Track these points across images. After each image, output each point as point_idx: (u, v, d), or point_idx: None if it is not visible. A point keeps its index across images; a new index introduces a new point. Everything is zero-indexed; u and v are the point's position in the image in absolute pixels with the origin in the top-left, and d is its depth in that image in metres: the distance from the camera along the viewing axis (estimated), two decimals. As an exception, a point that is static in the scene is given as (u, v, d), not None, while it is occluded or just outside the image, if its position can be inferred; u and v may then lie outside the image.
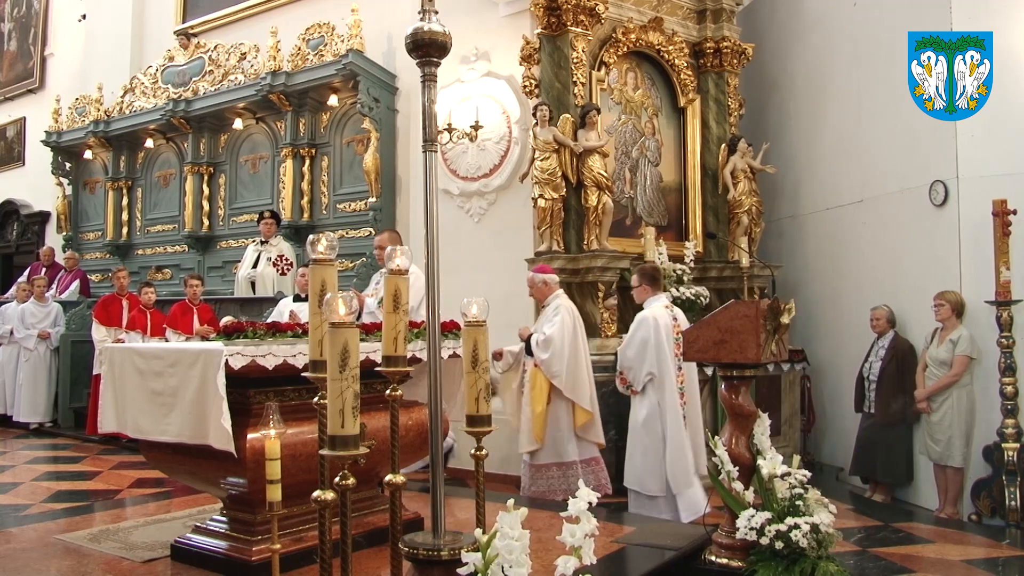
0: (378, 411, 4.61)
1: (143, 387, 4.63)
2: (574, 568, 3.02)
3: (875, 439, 7.25)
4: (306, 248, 3.26)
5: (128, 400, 4.71)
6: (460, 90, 8.57)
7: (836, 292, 8.52)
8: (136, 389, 4.67)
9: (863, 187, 8.07)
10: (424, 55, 3.41)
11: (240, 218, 11.22)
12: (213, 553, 4.60)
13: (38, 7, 15.77)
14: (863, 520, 6.33)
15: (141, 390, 4.64)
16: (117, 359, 4.84)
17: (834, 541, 4.26)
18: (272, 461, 3.32)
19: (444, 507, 3.33)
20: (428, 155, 3.41)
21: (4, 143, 16.16)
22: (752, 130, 9.19)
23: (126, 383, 4.73)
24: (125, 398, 4.73)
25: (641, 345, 6.17)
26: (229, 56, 11.21)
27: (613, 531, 5.35)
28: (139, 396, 4.65)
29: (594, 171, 7.49)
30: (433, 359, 3.32)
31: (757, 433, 4.68)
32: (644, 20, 8.34)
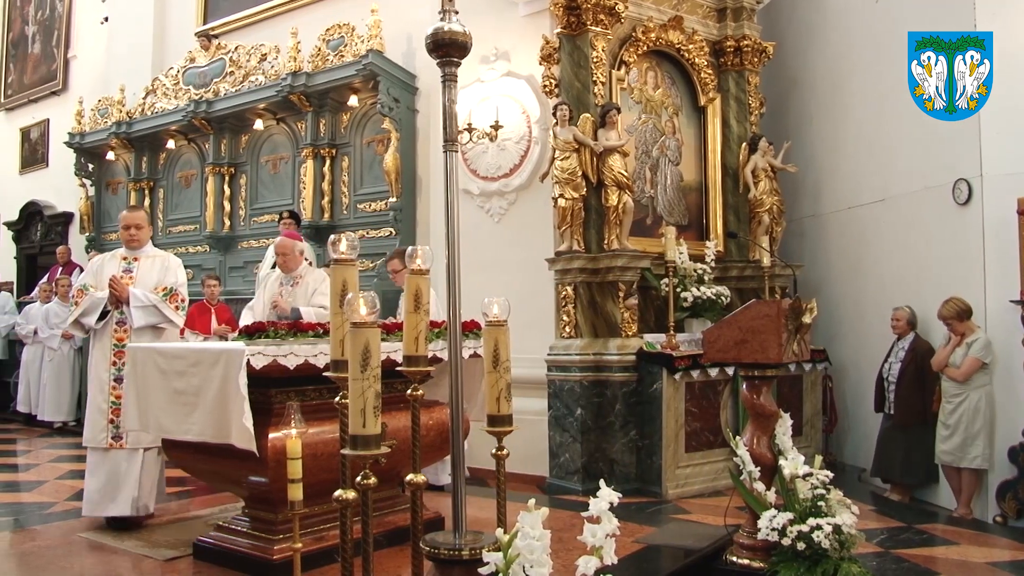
0: (398, 411, 4.63)
1: (165, 387, 4.67)
2: (595, 568, 3.01)
3: (894, 440, 7.20)
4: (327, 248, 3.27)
5: (151, 399, 4.75)
6: (480, 90, 8.57)
7: (858, 292, 8.46)
8: (159, 389, 4.70)
9: (885, 186, 8.01)
10: (444, 55, 3.41)
11: (261, 218, 11.27)
12: (235, 552, 4.63)
13: (61, 10, 15.90)
14: (885, 521, 6.28)
15: (163, 390, 4.68)
16: (140, 359, 4.87)
17: (856, 542, 4.24)
18: (293, 460, 3.33)
19: (465, 507, 3.33)
20: (449, 155, 3.41)
21: (28, 145, 16.31)
22: (773, 129, 9.13)
23: (148, 382, 4.77)
24: (148, 397, 4.77)
25: None
26: (250, 57, 11.26)
27: (634, 531, 5.34)
28: (162, 396, 4.68)
29: (614, 170, 7.47)
30: (454, 359, 3.32)
31: (779, 433, 4.66)
32: (664, 19, 8.31)
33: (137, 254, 5.98)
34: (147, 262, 5.97)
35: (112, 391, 5.65)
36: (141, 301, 5.74)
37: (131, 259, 5.95)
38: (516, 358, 3.75)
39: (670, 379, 7.08)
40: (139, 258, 5.96)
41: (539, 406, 7.48)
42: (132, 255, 5.97)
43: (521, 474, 7.33)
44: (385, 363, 3.21)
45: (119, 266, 5.90)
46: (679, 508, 6.67)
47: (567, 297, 7.52)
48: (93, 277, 5.88)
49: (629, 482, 7.04)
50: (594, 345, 7.36)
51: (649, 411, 7.17)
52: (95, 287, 5.80)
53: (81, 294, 5.78)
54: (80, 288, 5.83)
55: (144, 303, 5.74)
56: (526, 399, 7.02)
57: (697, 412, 7.29)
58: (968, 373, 6.61)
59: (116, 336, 5.76)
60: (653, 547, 5.13)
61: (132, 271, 5.89)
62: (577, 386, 7.27)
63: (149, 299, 5.77)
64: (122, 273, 5.83)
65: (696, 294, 7.75)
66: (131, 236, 5.99)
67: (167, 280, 5.93)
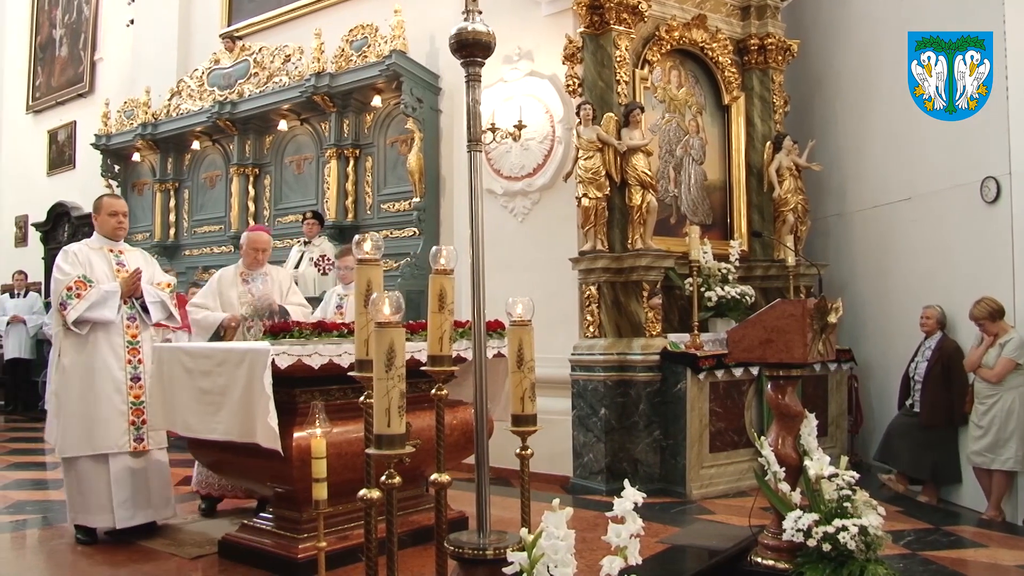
0: (422, 410, 4.63)
1: (191, 386, 4.69)
2: (620, 568, 3.01)
3: (920, 440, 7.14)
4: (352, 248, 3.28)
5: (177, 399, 4.78)
6: (503, 90, 8.57)
7: (884, 291, 8.40)
8: (184, 388, 4.73)
9: (912, 184, 7.94)
10: (468, 55, 3.41)
11: (285, 219, 11.32)
12: (260, 550, 4.66)
13: (88, 13, 16.04)
14: (912, 523, 6.22)
15: (189, 389, 4.70)
16: (166, 358, 4.91)
17: (883, 544, 4.20)
18: (318, 460, 3.35)
19: (489, 506, 3.33)
20: (473, 155, 3.41)
21: (56, 147, 16.46)
22: (797, 127, 9.08)
23: (175, 382, 4.80)
24: (174, 397, 4.80)
25: None
26: (274, 58, 11.31)
27: (658, 531, 5.33)
28: (187, 395, 4.71)
29: (638, 170, 7.45)
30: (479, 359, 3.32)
31: (804, 433, 4.63)
32: (687, 17, 8.28)
33: (121, 246, 5.74)
34: (130, 255, 5.75)
35: (130, 391, 5.42)
36: (153, 296, 5.59)
37: (117, 251, 5.69)
38: (540, 358, 3.75)
39: (694, 379, 7.05)
40: (124, 251, 5.73)
41: (563, 406, 7.47)
42: (117, 247, 5.72)
43: (545, 474, 7.32)
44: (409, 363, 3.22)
45: (109, 259, 5.61)
46: (703, 508, 6.64)
47: (591, 297, 7.51)
48: (85, 269, 5.45)
49: (653, 482, 7.03)
50: (618, 345, 7.34)
51: (673, 411, 7.14)
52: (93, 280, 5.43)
53: (84, 285, 5.33)
54: (81, 279, 5.36)
55: (155, 299, 5.61)
56: (550, 399, 7.02)
57: (721, 412, 7.26)
58: (1002, 374, 6.55)
59: (129, 333, 5.51)
60: (677, 547, 5.11)
61: (124, 264, 5.63)
62: (601, 386, 7.25)
63: (158, 295, 5.63)
64: (116, 267, 5.58)
65: (720, 294, 7.72)
66: (120, 224, 5.72)
67: (157, 275, 5.81)
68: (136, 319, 5.57)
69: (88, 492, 5.28)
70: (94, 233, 5.78)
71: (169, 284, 5.85)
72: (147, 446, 5.44)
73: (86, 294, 5.32)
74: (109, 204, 5.74)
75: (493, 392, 5.00)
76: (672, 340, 7.38)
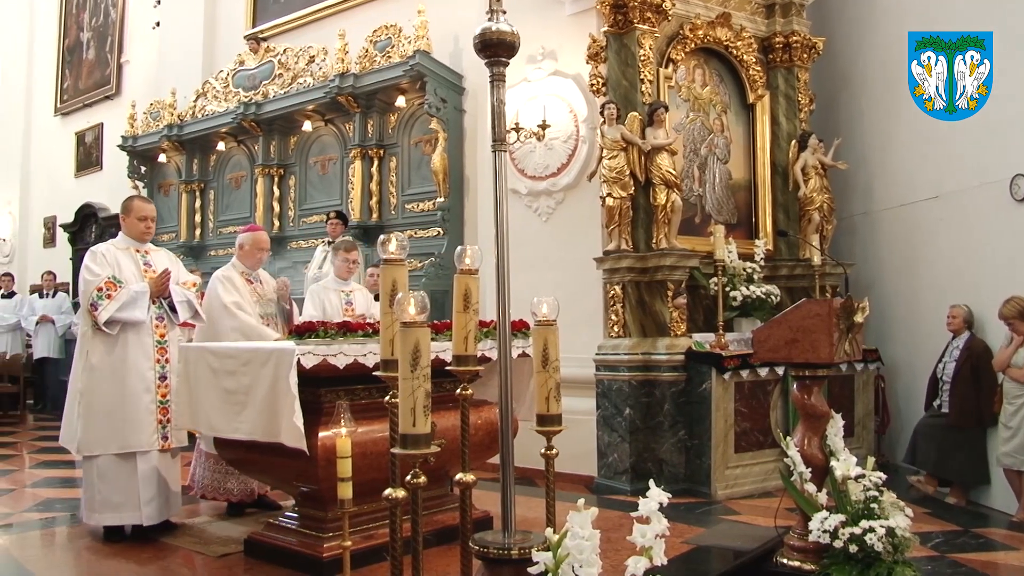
0: (447, 410, 4.63)
1: (217, 385, 4.72)
2: (645, 568, 3.00)
3: (948, 441, 7.07)
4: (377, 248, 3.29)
5: (202, 398, 4.81)
6: (527, 89, 8.56)
7: (912, 290, 8.33)
8: (210, 387, 4.76)
9: (940, 182, 7.86)
10: (492, 55, 3.41)
11: (310, 219, 11.37)
12: (285, 549, 4.69)
13: (115, 16, 16.18)
14: (941, 524, 6.17)
15: (215, 388, 4.73)
16: (192, 358, 4.94)
17: (911, 545, 4.17)
18: (343, 459, 3.36)
19: (514, 506, 3.33)
20: (497, 155, 3.41)
21: (83, 148, 16.62)
22: (823, 125, 9.02)
23: (200, 381, 4.83)
24: (199, 396, 4.83)
25: None
26: (298, 59, 11.36)
27: (683, 532, 5.31)
28: (213, 394, 4.73)
29: (662, 169, 7.43)
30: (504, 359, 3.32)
31: (830, 434, 4.61)
32: (711, 16, 8.24)
33: (147, 246, 5.79)
34: (156, 255, 5.80)
35: (158, 390, 5.46)
36: (180, 296, 5.62)
37: (143, 252, 5.73)
38: (564, 357, 3.74)
39: (719, 379, 7.02)
40: (149, 251, 5.77)
41: (587, 406, 7.47)
42: (143, 248, 5.76)
43: (569, 474, 7.31)
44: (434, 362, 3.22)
45: (136, 259, 5.65)
46: (728, 509, 6.61)
47: (615, 296, 7.50)
48: (113, 270, 5.48)
49: (678, 482, 7.00)
50: (643, 345, 7.32)
51: (698, 411, 7.12)
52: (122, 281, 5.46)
53: (114, 286, 5.36)
54: (111, 280, 5.38)
55: (181, 298, 5.63)
56: (574, 399, 7.01)
57: (747, 412, 7.23)
58: None
59: (158, 332, 5.55)
60: (702, 548, 5.09)
61: (151, 264, 5.68)
62: (625, 386, 7.24)
63: (184, 294, 5.66)
64: (143, 266, 5.62)
65: (745, 293, 7.68)
66: (148, 229, 5.76)
67: (181, 274, 5.85)
68: (164, 319, 5.62)
69: (114, 489, 5.31)
70: (120, 233, 5.82)
71: (194, 283, 5.88)
72: (171, 444, 5.49)
73: (116, 295, 5.35)
74: (139, 208, 5.75)
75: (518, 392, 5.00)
76: (697, 340, 7.35)
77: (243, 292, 6.04)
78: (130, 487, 5.31)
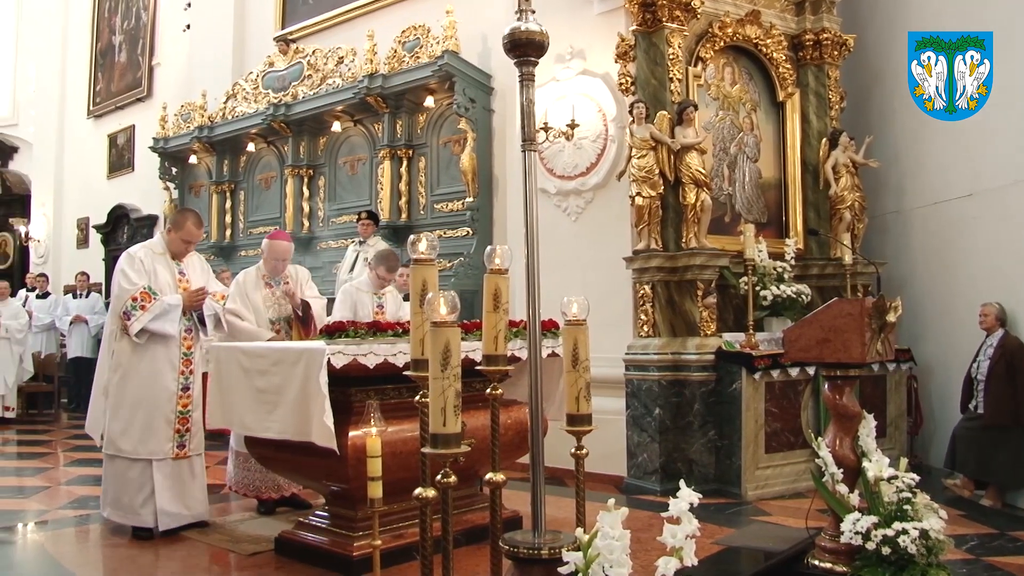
0: (476, 410, 4.65)
1: (248, 385, 4.76)
2: (675, 569, 2.98)
3: (982, 441, 6.98)
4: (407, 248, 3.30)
5: (234, 397, 4.85)
6: (555, 89, 8.55)
7: (945, 289, 8.23)
8: (241, 387, 4.80)
9: (974, 180, 7.77)
10: (522, 55, 3.41)
11: (339, 219, 11.41)
12: (315, 547, 4.72)
13: (146, 20, 16.33)
14: (976, 527, 6.09)
15: (246, 388, 4.77)
16: (223, 358, 4.98)
17: (945, 548, 4.12)
18: (373, 458, 3.37)
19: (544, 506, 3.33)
20: (528, 154, 3.40)
21: (115, 150, 16.78)
22: (854, 123, 8.93)
23: (232, 381, 4.87)
24: (231, 395, 4.87)
25: None
26: (327, 60, 11.41)
27: (713, 532, 5.29)
28: (244, 393, 4.78)
29: (692, 168, 7.40)
30: (534, 358, 3.32)
31: (862, 435, 4.57)
32: (741, 14, 8.19)
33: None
34: (190, 261, 5.89)
35: (179, 400, 5.56)
36: (209, 309, 5.74)
37: (180, 260, 5.81)
38: (594, 357, 3.73)
39: (749, 379, 6.98)
40: (183, 259, 5.84)
41: (616, 405, 7.45)
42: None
43: (598, 474, 7.29)
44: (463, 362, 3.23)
45: (172, 268, 5.73)
46: (759, 510, 6.57)
47: (645, 296, 7.47)
48: (150, 278, 5.56)
49: (708, 483, 6.96)
50: (672, 344, 7.29)
51: (728, 411, 7.08)
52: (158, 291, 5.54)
53: (148, 298, 5.44)
54: (146, 290, 5.46)
55: (210, 311, 5.77)
56: (603, 398, 6.97)
57: (777, 412, 7.18)
58: None
59: (186, 344, 5.66)
60: (733, 549, 5.07)
61: (185, 272, 5.78)
62: (655, 385, 7.21)
63: (213, 307, 5.78)
64: (178, 275, 5.72)
65: (776, 292, 7.64)
66: (188, 249, 5.85)
67: (211, 284, 5.93)
68: (192, 331, 5.73)
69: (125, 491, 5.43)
70: (158, 236, 5.89)
71: (224, 296, 5.99)
72: (187, 452, 5.59)
73: (150, 306, 5.44)
74: (189, 232, 5.77)
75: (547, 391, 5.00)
76: (727, 339, 7.31)
77: (252, 296, 6.21)
78: (142, 491, 5.43)
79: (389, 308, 6.69)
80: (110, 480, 5.50)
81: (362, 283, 6.82)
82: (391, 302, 6.76)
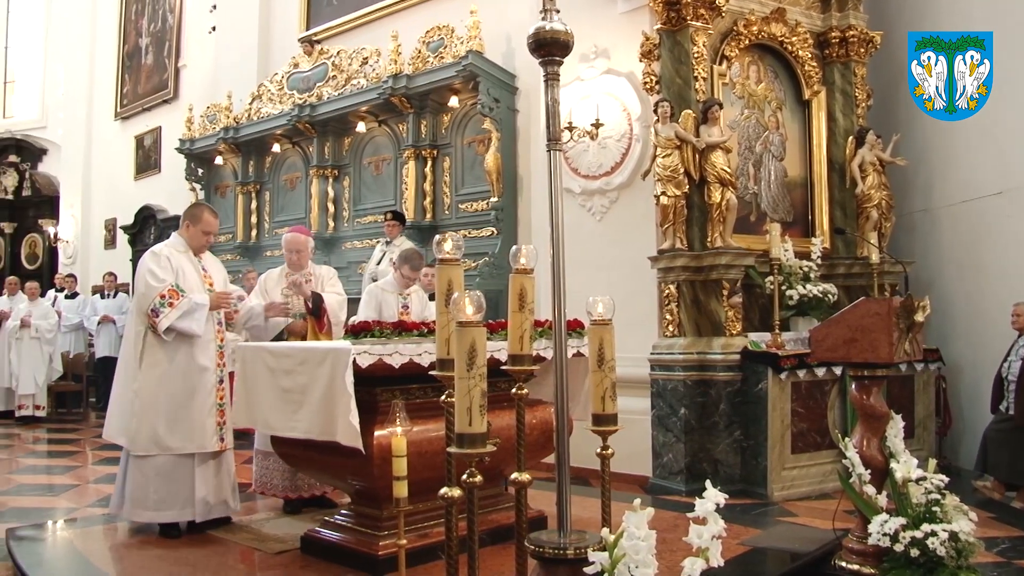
0: (502, 409, 4.64)
1: (273, 385, 4.78)
2: (701, 570, 2.97)
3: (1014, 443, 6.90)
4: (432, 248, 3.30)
5: (259, 397, 4.87)
6: (580, 88, 8.53)
7: (974, 288, 8.15)
8: (267, 386, 4.82)
9: (1003, 178, 7.69)
10: (546, 54, 3.41)
11: (364, 219, 11.45)
12: (341, 546, 4.73)
13: (172, 22, 16.45)
14: (1007, 530, 6.02)
15: (271, 387, 4.79)
16: (249, 357, 5.00)
17: (975, 551, 4.08)
18: (399, 458, 3.38)
19: (570, 506, 3.32)
20: (552, 154, 3.40)
21: (142, 152, 16.93)
22: (881, 121, 8.86)
23: (257, 380, 4.89)
24: (256, 395, 4.89)
25: None
26: (351, 61, 11.45)
27: (739, 533, 5.26)
28: (270, 393, 4.79)
29: (717, 167, 7.37)
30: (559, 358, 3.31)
31: (890, 435, 4.53)
32: (766, 11, 8.14)
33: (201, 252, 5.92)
34: (208, 260, 5.94)
35: (217, 392, 5.62)
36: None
37: (199, 257, 5.83)
38: (619, 357, 3.72)
39: (775, 379, 6.94)
40: (203, 256, 5.88)
41: (642, 405, 7.43)
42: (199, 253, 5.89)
43: (624, 474, 7.27)
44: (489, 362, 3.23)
45: (196, 265, 5.76)
46: (785, 510, 6.53)
47: (670, 296, 7.44)
48: (177, 276, 5.56)
49: (733, 483, 6.92)
50: (698, 344, 7.26)
51: (754, 411, 7.04)
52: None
53: (176, 295, 5.44)
54: (174, 288, 5.45)
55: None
56: (629, 398, 6.95)
57: (804, 412, 7.13)
58: None
59: (219, 336, 5.73)
60: (759, 550, 5.04)
61: (207, 269, 5.82)
62: (681, 385, 7.19)
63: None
64: (203, 271, 5.77)
65: (802, 292, 7.59)
66: (209, 241, 5.88)
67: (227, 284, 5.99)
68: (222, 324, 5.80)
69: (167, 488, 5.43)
70: (176, 235, 5.89)
71: (241, 296, 6.06)
72: (226, 445, 5.64)
73: (178, 303, 5.44)
74: (208, 223, 5.80)
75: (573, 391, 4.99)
76: (753, 339, 7.28)
77: (272, 293, 6.31)
78: (187, 486, 5.44)
79: (414, 308, 6.71)
80: (138, 480, 5.46)
81: (387, 283, 6.83)
82: (416, 302, 6.77)
